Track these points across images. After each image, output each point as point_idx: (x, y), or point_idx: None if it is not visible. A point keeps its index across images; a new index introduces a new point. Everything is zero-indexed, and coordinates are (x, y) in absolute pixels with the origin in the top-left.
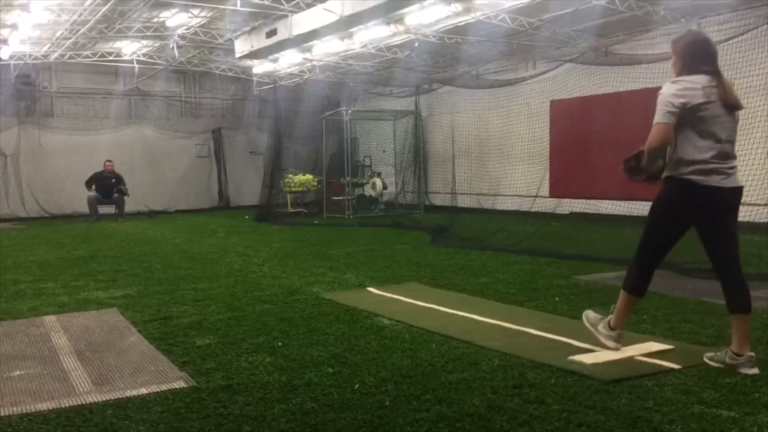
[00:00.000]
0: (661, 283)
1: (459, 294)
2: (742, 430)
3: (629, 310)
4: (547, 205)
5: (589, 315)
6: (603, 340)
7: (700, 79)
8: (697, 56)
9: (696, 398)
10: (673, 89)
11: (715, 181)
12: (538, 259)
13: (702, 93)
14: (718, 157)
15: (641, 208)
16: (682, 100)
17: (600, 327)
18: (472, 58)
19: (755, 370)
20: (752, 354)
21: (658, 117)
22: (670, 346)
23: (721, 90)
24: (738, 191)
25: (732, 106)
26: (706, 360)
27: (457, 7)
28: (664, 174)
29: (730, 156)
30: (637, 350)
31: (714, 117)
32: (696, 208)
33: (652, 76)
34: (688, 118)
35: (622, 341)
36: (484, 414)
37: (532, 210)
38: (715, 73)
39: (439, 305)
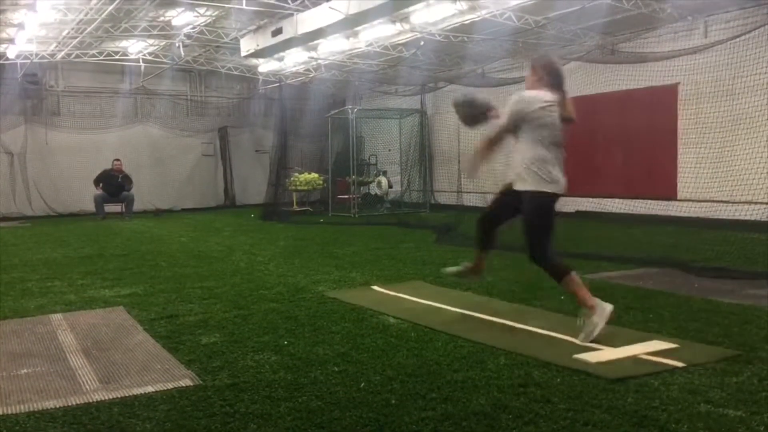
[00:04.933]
0: (668, 282)
1: (464, 293)
2: (749, 430)
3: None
4: (556, 204)
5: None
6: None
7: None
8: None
9: (702, 397)
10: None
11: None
12: None
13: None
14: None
15: (647, 206)
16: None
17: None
18: (477, 57)
19: None
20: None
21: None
22: (676, 345)
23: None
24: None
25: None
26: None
27: (463, 5)
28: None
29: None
30: (642, 348)
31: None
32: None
33: (658, 74)
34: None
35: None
36: (489, 413)
37: None
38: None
39: (444, 304)
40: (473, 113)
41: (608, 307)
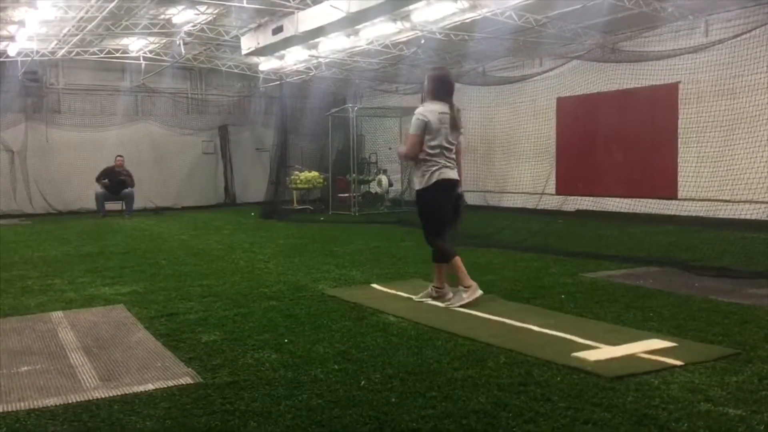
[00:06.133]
0: (668, 281)
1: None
2: (749, 429)
3: (443, 272)
4: (554, 202)
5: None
6: (460, 300)
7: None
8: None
9: (703, 396)
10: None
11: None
12: (544, 256)
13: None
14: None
15: (647, 205)
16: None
17: (449, 299)
18: (478, 55)
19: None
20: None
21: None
22: (675, 344)
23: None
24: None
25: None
26: (415, 300)
27: (464, 3)
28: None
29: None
30: (642, 347)
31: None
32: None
33: (659, 73)
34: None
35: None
36: (489, 411)
37: (539, 207)
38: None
39: (444, 302)
40: None
41: (479, 292)
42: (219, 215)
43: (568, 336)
